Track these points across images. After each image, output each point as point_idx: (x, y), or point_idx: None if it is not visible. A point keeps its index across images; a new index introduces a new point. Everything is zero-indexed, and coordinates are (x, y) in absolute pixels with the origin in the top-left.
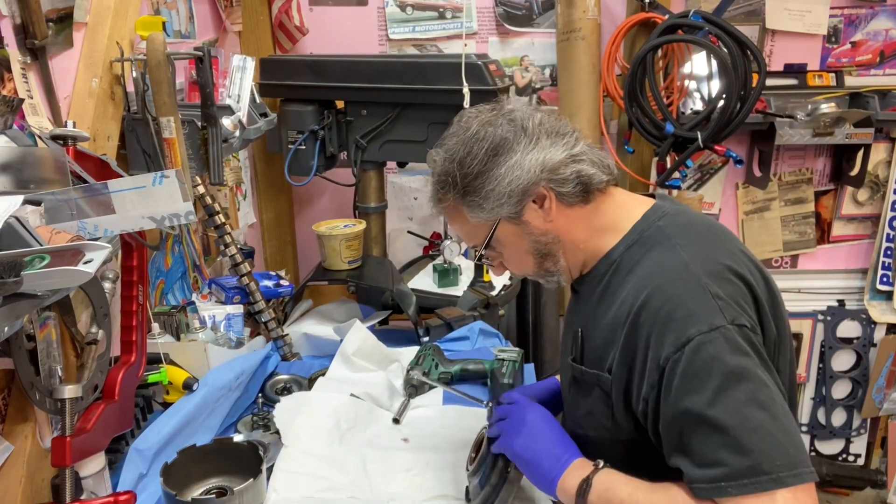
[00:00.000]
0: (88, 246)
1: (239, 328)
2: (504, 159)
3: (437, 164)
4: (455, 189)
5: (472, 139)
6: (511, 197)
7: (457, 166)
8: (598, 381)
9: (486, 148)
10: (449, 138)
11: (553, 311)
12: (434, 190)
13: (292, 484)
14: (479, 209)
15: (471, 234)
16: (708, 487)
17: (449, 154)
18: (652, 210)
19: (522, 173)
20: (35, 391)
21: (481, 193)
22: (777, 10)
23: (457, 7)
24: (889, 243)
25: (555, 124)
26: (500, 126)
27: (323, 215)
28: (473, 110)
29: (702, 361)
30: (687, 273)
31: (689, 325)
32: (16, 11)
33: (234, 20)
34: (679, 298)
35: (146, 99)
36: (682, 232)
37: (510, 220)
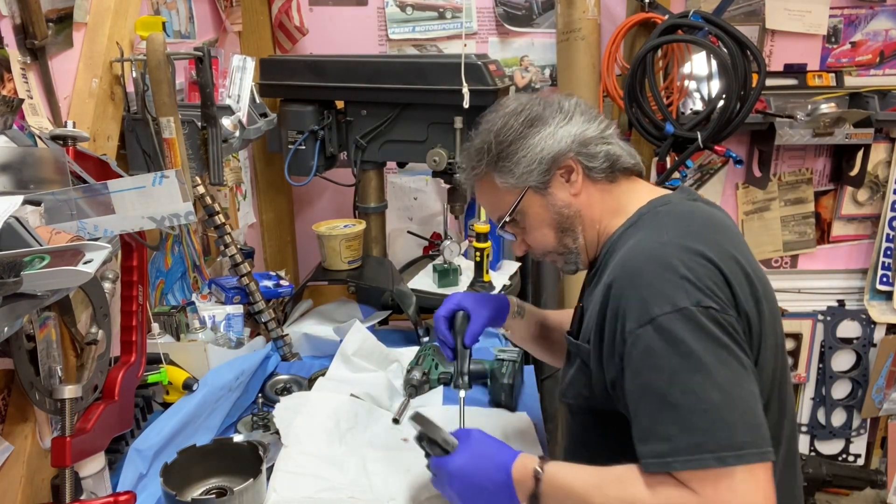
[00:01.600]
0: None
1: (239, 328)
2: (538, 130)
3: (473, 139)
4: (489, 156)
5: (510, 113)
6: (541, 164)
7: (493, 136)
8: (579, 352)
9: (523, 120)
10: (486, 116)
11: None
12: (468, 159)
13: (292, 484)
14: (509, 174)
15: (497, 203)
16: (654, 462)
17: (486, 126)
18: (661, 198)
19: (554, 143)
20: (35, 391)
21: (513, 159)
22: (777, 10)
23: (457, 7)
24: (889, 243)
25: (590, 108)
26: (537, 104)
27: (323, 215)
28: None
29: (662, 341)
30: (661, 251)
31: (653, 304)
32: (16, 11)
33: (234, 20)
34: (647, 276)
35: (146, 99)
36: (675, 218)
37: (537, 191)
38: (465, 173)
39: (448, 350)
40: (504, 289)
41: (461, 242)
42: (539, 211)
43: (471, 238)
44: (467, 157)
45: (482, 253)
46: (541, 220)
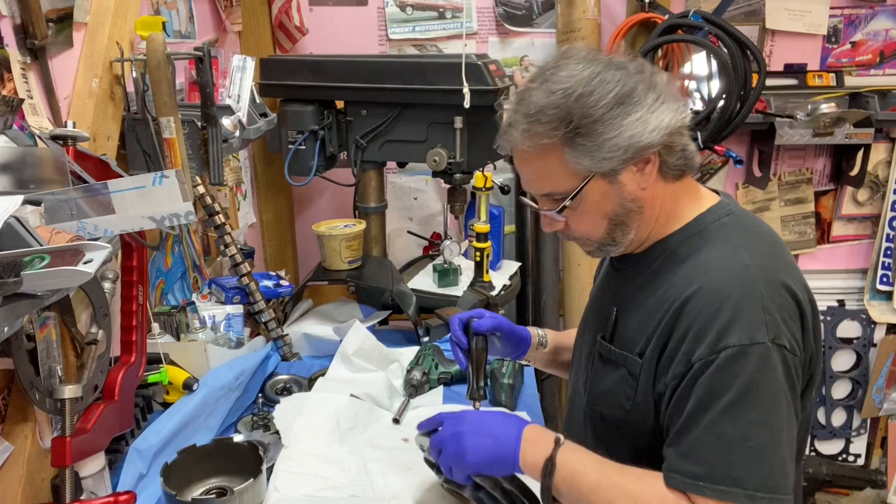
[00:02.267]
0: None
1: (239, 328)
2: (630, 111)
3: (539, 95)
4: (567, 128)
5: (597, 79)
6: (626, 152)
7: (575, 103)
8: (626, 363)
9: (614, 93)
10: (557, 70)
11: (553, 311)
12: (531, 123)
13: (293, 483)
14: (585, 156)
15: (553, 180)
16: (685, 480)
17: (564, 87)
18: (719, 205)
19: (645, 131)
20: (35, 391)
21: (596, 140)
22: (777, 10)
23: (457, 7)
24: (889, 243)
25: (676, 87)
26: (630, 73)
27: (323, 215)
28: (592, 50)
29: (731, 372)
30: (745, 277)
31: (731, 332)
32: (16, 11)
33: (234, 20)
34: (730, 301)
35: (146, 99)
36: (745, 234)
37: (605, 178)
38: (522, 135)
39: (461, 355)
40: (504, 289)
41: (461, 242)
42: (599, 199)
43: (471, 238)
44: (532, 120)
45: (482, 253)
46: (598, 209)
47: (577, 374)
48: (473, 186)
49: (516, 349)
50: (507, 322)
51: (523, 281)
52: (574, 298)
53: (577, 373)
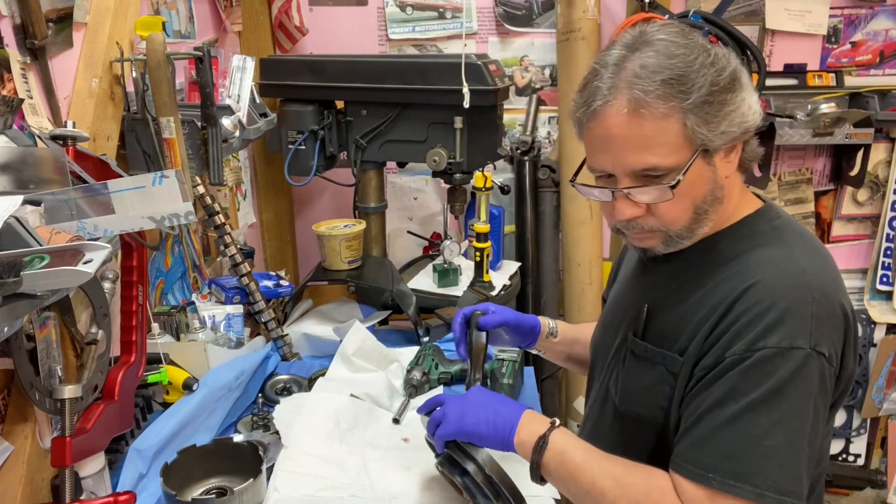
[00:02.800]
0: (88, 246)
1: (239, 328)
2: (739, 87)
3: (644, 60)
4: (699, 92)
5: (713, 51)
6: (738, 129)
7: (702, 69)
8: (664, 361)
9: (730, 69)
10: (657, 38)
11: (553, 311)
12: (661, 84)
13: (293, 483)
14: (707, 126)
15: (664, 151)
16: (692, 469)
17: (682, 52)
18: (768, 208)
19: (750, 111)
20: (35, 391)
21: (721, 111)
22: (777, 10)
23: (457, 7)
24: (889, 243)
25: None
26: (731, 56)
27: (323, 215)
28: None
29: (763, 371)
30: (801, 281)
31: (773, 333)
32: (16, 11)
33: (234, 20)
34: (782, 302)
35: (146, 99)
36: (799, 240)
37: (705, 158)
38: (645, 96)
39: (462, 349)
40: (504, 289)
41: (461, 242)
42: (696, 181)
43: (471, 238)
44: (660, 80)
45: (482, 253)
46: (692, 192)
47: (602, 375)
48: (473, 186)
49: (525, 338)
50: (513, 315)
51: (523, 281)
52: (574, 298)
53: (602, 374)
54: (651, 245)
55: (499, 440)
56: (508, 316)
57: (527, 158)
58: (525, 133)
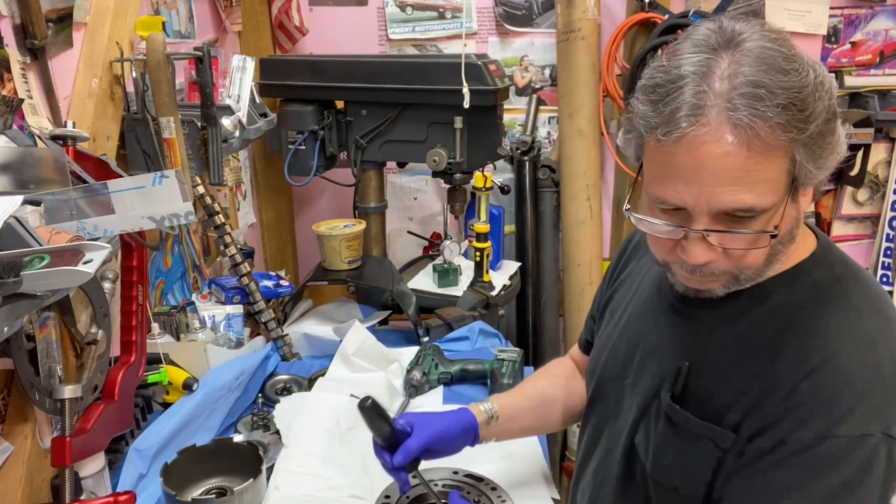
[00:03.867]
0: (88, 246)
1: (239, 328)
2: (836, 121)
3: (745, 73)
4: (816, 121)
5: (818, 67)
6: (837, 160)
7: (813, 93)
8: (712, 436)
9: (830, 98)
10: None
11: (553, 311)
12: (780, 110)
13: (294, 482)
14: (814, 163)
15: (764, 190)
16: None
17: (797, 67)
18: (824, 250)
19: (841, 148)
20: (35, 391)
21: (828, 146)
22: (777, 10)
23: (457, 7)
24: (889, 243)
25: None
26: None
27: (323, 215)
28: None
29: (831, 463)
30: (873, 357)
31: (844, 422)
32: (16, 11)
33: (234, 20)
34: (856, 388)
35: (146, 99)
36: (863, 294)
37: (793, 195)
38: (750, 122)
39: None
40: (504, 289)
41: (461, 242)
42: (785, 219)
43: (471, 238)
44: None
45: (482, 253)
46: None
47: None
48: (473, 186)
49: (462, 437)
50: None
51: (523, 281)
52: (574, 298)
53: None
54: (711, 287)
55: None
56: (430, 435)
57: (527, 158)
58: (525, 133)
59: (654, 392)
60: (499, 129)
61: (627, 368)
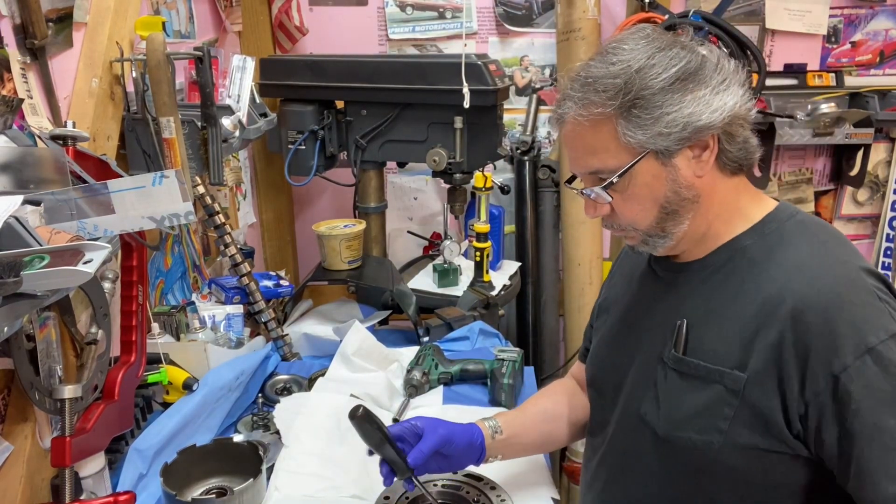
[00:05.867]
0: (88, 246)
1: (239, 328)
2: (693, 88)
3: (598, 67)
4: (624, 98)
5: (662, 52)
6: (683, 130)
7: (635, 74)
8: (722, 379)
9: (678, 67)
10: (620, 44)
11: (553, 311)
12: (586, 92)
13: (294, 483)
14: (639, 129)
15: (602, 154)
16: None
17: (625, 58)
18: (784, 205)
19: (706, 110)
20: (35, 391)
21: (654, 113)
22: (777, 10)
23: (457, 7)
24: (889, 243)
25: (743, 76)
26: (696, 53)
27: (323, 215)
28: (656, 29)
29: (885, 372)
30: (850, 273)
31: (865, 331)
32: (16, 11)
33: (234, 20)
34: (847, 300)
35: (146, 99)
36: (823, 231)
37: (659, 158)
38: (576, 105)
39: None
40: (504, 289)
41: (461, 242)
42: (651, 181)
43: (471, 238)
44: (588, 89)
45: (482, 253)
46: (649, 193)
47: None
48: (473, 186)
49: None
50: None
51: (523, 281)
52: (574, 298)
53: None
54: (632, 243)
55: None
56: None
57: (527, 158)
58: (525, 133)
59: (657, 358)
60: (499, 129)
61: (626, 350)
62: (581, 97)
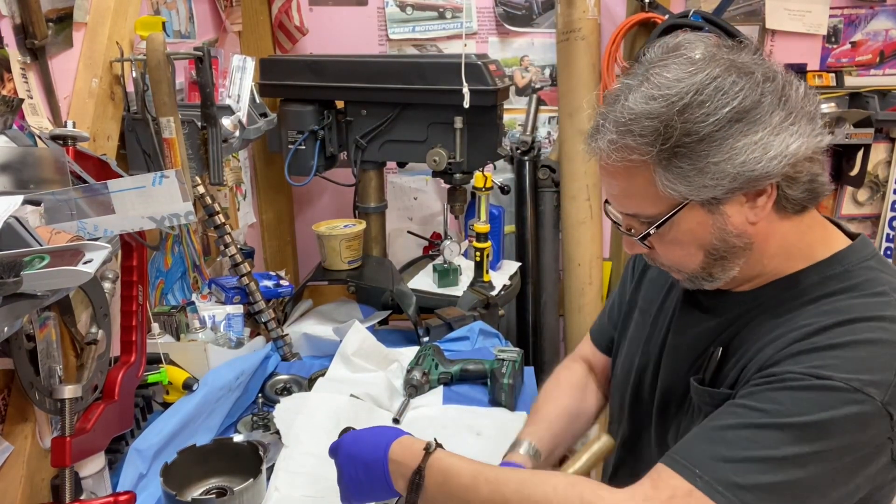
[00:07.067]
0: (88, 246)
1: (239, 328)
2: (747, 130)
3: (636, 99)
4: (662, 145)
5: (712, 86)
6: (735, 180)
7: (678, 115)
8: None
9: (731, 106)
10: (662, 68)
11: (553, 311)
12: (621, 133)
13: (294, 483)
14: (680, 181)
15: (642, 202)
16: (683, 462)
17: (667, 93)
18: (861, 244)
19: (764, 158)
20: (35, 391)
21: (698, 164)
22: (777, 10)
23: (457, 7)
24: (889, 243)
25: (814, 103)
26: (755, 81)
27: (323, 215)
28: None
29: (815, 402)
30: (889, 334)
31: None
32: (16, 11)
33: (234, 20)
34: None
35: (146, 99)
36: (893, 283)
37: (705, 206)
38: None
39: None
40: (504, 289)
41: (461, 242)
42: (696, 229)
43: (471, 238)
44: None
45: (482, 253)
46: (694, 239)
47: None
48: (473, 186)
49: None
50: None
51: (523, 281)
52: (574, 298)
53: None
54: (678, 279)
55: (389, 493)
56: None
57: (527, 158)
58: (525, 133)
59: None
60: (499, 129)
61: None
62: (614, 139)
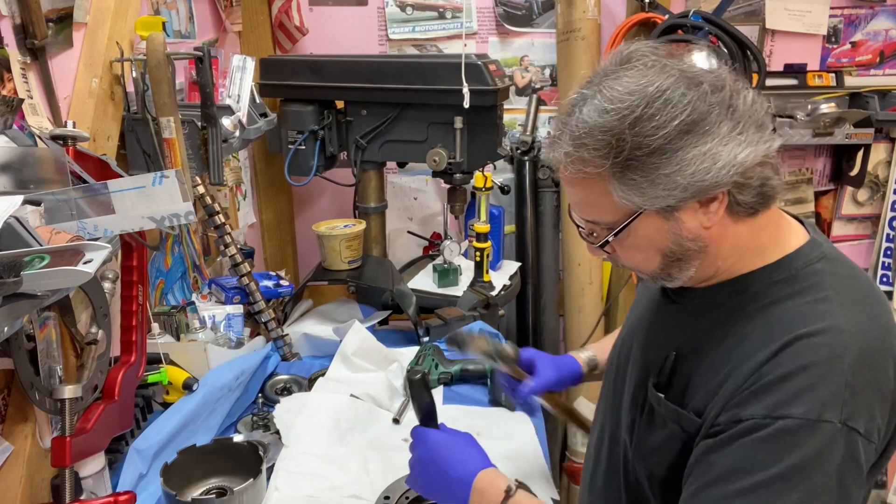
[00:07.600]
0: (88, 246)
1: (239, 328)
2: (696, 141)
3: (590, 112)
4: (616, 158)
5: (661, 99)
6: (686, 190)
7: (629, 129)
8: (679, 419)
9: (680, 119)
10: (615, 80)
11: (553, 311)
12: (576, 146)
13: (294, 483)
14: (635, 192)
15: (598, 209)
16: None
17: (619, 107)
18: (809, 246)
19: (713, 168)
20: (35, 391)
21: (650, 175)
22: (777, 10)
23: (457, 7)
24: (889, 243)
25: (763, 110)
26: (703, 93)
27: (323, 215)
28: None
29: (783, 445)
30: (836, 344)
31: (800, 402)
32: (16, 11)
33: (234, 20)
34: (812, 370)
35: (146, 99)
36: (841, 287)
37: (661, 213)
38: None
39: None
40: (504, 289)
41: (461, 242)
42: (653, 234)
43: (471, 238)
44: (577, 143)
45: (482, 253)
46: (651, 244)
47: (614, 413)
48: (473, 186)
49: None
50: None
51: (523, 281)
52: (574, 298)
53: (614, 411)
54: (643, 279)
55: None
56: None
57: (527, 158)
58: (525, 133)
59: (643, 380)
60: (499, 129)
61: (623, 356)
62: (571, 151)
